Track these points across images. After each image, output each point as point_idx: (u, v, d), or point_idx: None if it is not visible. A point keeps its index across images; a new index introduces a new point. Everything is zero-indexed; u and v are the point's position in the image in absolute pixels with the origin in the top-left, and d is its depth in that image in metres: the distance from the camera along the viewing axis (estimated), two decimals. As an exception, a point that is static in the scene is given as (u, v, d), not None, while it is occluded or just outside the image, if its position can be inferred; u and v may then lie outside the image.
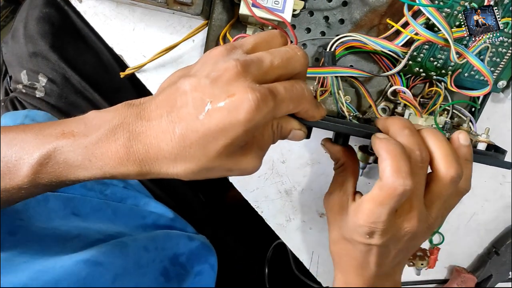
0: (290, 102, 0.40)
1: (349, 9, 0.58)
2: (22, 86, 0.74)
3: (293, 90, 0.41)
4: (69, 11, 0.70)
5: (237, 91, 0.37)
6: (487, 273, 0.76)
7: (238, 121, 0.37)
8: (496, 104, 0.68)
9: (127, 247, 0.60)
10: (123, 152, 0.39)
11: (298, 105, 0.42)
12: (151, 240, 0.64)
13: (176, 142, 0.38)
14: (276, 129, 0.44)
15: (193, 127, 0.37)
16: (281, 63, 0.41)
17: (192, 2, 0.55)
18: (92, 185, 0.70)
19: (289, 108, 0.41)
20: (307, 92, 0.42)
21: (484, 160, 0.56)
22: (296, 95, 0.41)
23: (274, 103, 0.38)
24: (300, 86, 0.41)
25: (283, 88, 0.40)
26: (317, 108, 0.45)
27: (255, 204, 0.72)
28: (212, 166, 0.40)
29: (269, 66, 0.40)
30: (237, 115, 0.37)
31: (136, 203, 0.73)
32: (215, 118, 0.37)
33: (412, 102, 0.59)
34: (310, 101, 0.43)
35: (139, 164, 0.39)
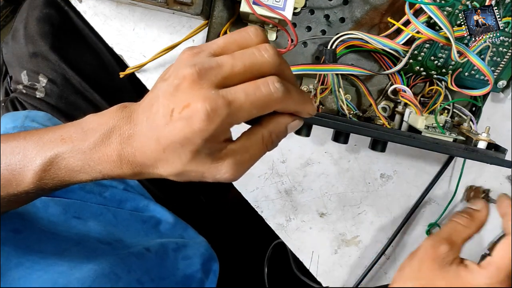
0: (252, 107, 0.38)
1: (350, 7, 0.58)
2: (23, 87, 0.74)
3: (256, 94, 0.38)
4: (69, 11, 0.70)
5: (191, 100, 0.37)
6: (488, 273, 0.75)
7: (194, 131, 0.37)
8: (496, 104, 0.68)
9: (119, 280, 0.59)
10: (116, 155, 0.41)
11: (265, 108, 0.39)
12: (146, 271, 0.63)
13: (154, 147, 0.39)
14: (267, 138, 0.42)
15: (163, 134, 0.38)
16: (244, 67, 0.39)
17: (192, 2, 0.55)
18: (91, 188, 0.70)
19: (251, 113, 0.39)
20: (280, 93, 0.39)
21: (485, 159, 0.56)
22: (260, 99, 0.38)
23: (229, 110, 0.37)
24: (267, 88, 0.38)
25: (243, 93, 0.38)
26: (303, 104, 0.42)
27: (255, 204, 0.72)
28: (189, 170, 0.40)
29: (229, 71, 0.38)
30: (192, 126, 0.37)
31: (136, 205, 0.73)
32: (176, 128, 0.38)
33: (412, 101, 0.59)
34: (286, 100, 0.40)
35: (131, 166, 0.41)
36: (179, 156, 0.39)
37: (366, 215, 0.73)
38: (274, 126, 0.42)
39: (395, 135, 0.55)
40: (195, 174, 0.41)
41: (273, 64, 0.39)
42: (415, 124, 0.59)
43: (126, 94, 0.75)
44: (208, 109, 0.36)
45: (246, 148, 0.41)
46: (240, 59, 0.39)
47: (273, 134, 0.42)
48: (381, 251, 0.74)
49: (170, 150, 0.39)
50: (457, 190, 0.71)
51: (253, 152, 0.42)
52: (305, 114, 0.43)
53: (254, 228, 0.78)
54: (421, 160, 0.71)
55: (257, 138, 0.42)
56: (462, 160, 0.70)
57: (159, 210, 0.73)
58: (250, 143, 0.42)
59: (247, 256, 0.88)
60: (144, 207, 0.73)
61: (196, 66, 0.38)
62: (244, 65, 0.39)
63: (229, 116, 0.37)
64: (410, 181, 0.72)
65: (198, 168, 0.40)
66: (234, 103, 0.37)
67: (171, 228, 0.73)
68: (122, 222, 0.69)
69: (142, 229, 0.70)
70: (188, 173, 0.40)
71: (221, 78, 0.38)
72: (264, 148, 0.42)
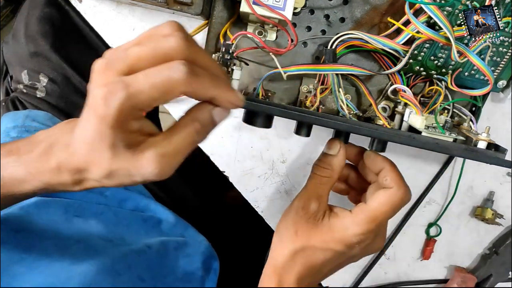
0: (152, 89, 0.37)
1: (350, 7, 0.58)
2: (23, 86, 0.74)
3: (156, 76, 0.38)
4: (69, 11, 0.70)
5: (94, 88, 0.38)
6: (487, 273, 0.75)
7: (98, 119, 0.37)
8: (496, 104, 0.68)
9: (120, 277, 0.59)
10: (55, 163, 0.41)
11: (169, 91, 0.38)
12: (147, 268, 0.63)
13: (83, 149, 0.40)
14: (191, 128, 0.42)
15: (86, 132, 0.39)
16: (149, 54, 0.38)
17: (192, 2, 0.55)
18: None
19: (152, 96, 0.38)
20: (183, 74, 0.38)
21: (484, 159, 0.56)
22: (161, 81, 0.37)
23: (126, 92, 0.37)
24: (168, 70, 0.38)
25: (143, 75, 0.38)
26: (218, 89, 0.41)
27: (255, 204, 0.72)
28: (115, 168, 0.40)
29: (135, 59, 0.38)
30: (96, 113, 0.37)
31: (137, 205, 0.73)
32: (88, 121, 0.38)
33: (412, 101, 0.59)
34: (193, 82, 0.39)
35: (69, 173, 0.41)
36: (101, 153, 0.39)
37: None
38: (197, 114, 0.42)
39: (395, 135, 0.55)
40: (123, 173, 0.40)
41: (180, 49, 0.39)
42: (415, 124, 0.59)
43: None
44: (105, 92, 0.37)
45: (168, 139, 0.41)
46: (146, 46, 0.39)
47: (196, 123, 0.42)
48: (381, 251, 0.74)
49: (93, 149, 0.39)
50: (457, 190, 0.71)
51: (177, 143, 0.41)
52: (225, 102, 0.42)
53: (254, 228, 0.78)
54: (421, 160, 0.71)
55: (180, 128, 0.41)
56: (462, 160, 0.70)
57: (159, 209, 0.74)
58: (173, 133, 0.41)
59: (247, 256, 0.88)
60: (145, 206, 0.73)
61: (105, 59, 0.39)
62: (150, 51, 0.38)
63: (128, 98, 0.37)
64: (410, 181, 0.72)
65: (123, 165, 0.39)
66: (132, 85, 0.37)
67: (171, 227, 0.73)
68: (123, 221, 0.69)
69: (143, 228, 0.70)
70: (116, 172, 0.40)
71: (126, 66, 0.38)
72: (189, 138, 0.41)
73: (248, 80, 0.62)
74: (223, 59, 0.56)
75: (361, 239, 0.51)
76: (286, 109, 0.54)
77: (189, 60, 0.39)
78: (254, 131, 0.68)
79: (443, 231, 0.74)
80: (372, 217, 0.51)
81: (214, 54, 0.58)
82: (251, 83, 0.62)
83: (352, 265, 0.75)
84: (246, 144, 0.69)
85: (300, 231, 0.52)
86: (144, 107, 0.39)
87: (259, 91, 0.57)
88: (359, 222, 0.51)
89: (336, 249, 0.52)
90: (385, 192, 0.52)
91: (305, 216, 0.53)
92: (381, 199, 0.51)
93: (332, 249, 0.52)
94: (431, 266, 0.77)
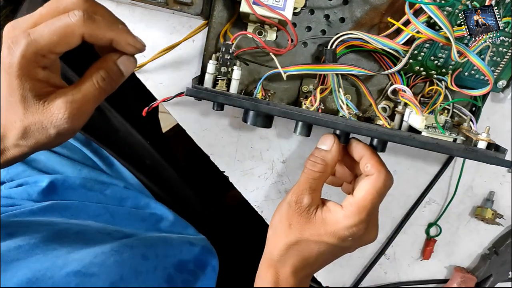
0: (51, 34, 0.41)
1: (350, 7, 0.58)
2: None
3: (55, 22, 0.41)
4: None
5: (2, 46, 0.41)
6: (487, 273, 0.75)
7: (5, 70, 0.41)
8: (496, 104, 0.68)
9: (122, 254, 0.59)
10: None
11: (67, 34, 0.42)
12: (149, 247, 0.64)
13: None
14: (97, 76, 0.45)
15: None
16: (50, 10, 0.42)
17: (192, 2, 0.55)
18: (92, 185, 0.70)
19: (52, 40, 0.41)
20: (79, 17, 0.42)
21: (484, 159, 0.56)
22: (59, 25, 0.41)
23: (28, 39, 0.40)
24: (66, 16, 0.42)
25: (44, 24, 0.41)
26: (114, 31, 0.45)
27: (255, 204, 0.72)
28: (28, 124, 0.43)
29: (37, 16, 0.42)
30: (3, 66, 0.41)
31: (136, 203, 0.73)
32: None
33: (412, 101, 0.58)
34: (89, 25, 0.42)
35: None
36: (13, 110, 0.42)
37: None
38: (101, 62, 0.46)
39: (395, 135, 0.55)
40: (37, 127, 0.43)
41: (78, 2, 0.42)
42: (415, 124, 0.59)
43: (125, 94, 0.75)
44: (9, 43, 0.41)
45: (77, 88, 0.44)
46: (48, 5, 0.43)
47: (102, 71, 0.45)
48: (381, 251, 0.74)
49: (6, 107, 0.43)
50: (456, 190, 0.71)
51: (85, 91, 0.44)
52: (126, 45, 0.46)
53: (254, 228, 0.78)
54: (421, 160, 0.71)
55: (87, 77, 0.45)
56: (462, 160, 0.70)
57: (159, 208, 0.74)
58: (81, 83, 0.45)
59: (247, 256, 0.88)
60: (145, 205, 0.73)
61: (13, 21, 0.42)
62: (51, 8, 0.42)
63: (30, 44, 0.40)
64: (410, 181, 0.72)
65: (35, 118, 0.42)
66: (33, 33, 0.41)
67: (171, 226, 0.73)
68: (121, 222, 0.69)
69: (142, 226, 0.71)
70: (30, 128, 0.43)
71: (30, 23, 0.42)
72: (95, 85, 0.45)
73: (248, 80, 0.62)
74: (223, 59, 0.56)
75: (353, 231, 0.52)
76: (286, 109, 0.54)
77: (88, 11, 0.43)
78: (254, 131, 0.68)
79: (443, 231, 0.74)
80: (360, 207, 0.52)
81: (214, 54, 0.58)
82: (251, 83, 0.62)
83: (352, 265, 0.75)
84: (246, 144, 0.69)
85: (294, 224, 0.54)
86: (46, 52, 0.42)
87: (259, 91, 0.57)
88: (349, 215, 0.52)
89: (329, 242, 0.53)
90: (368, 180, 0.53)
91: (298, 210, 0.54)
92: (365, 188, 0.53)
93: (326, 242, 0.53)
94: (431, 266, 0.77)
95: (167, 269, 0.64)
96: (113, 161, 0.75)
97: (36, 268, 0.53)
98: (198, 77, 0.61)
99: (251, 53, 0.60)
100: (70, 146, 0.74)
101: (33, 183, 0.69)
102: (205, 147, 0.69)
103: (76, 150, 0.74)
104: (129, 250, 0.61)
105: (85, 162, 0.74)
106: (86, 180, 0.70)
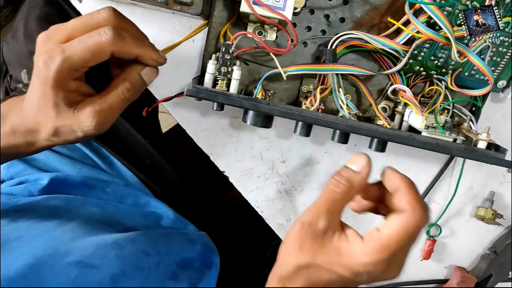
0: (84, 51, 0.45)
1: (350, 7, 0.58)
2: (22, 85, 0.74)
3: (88, 40, 0.45)
4: (69, 10, 0.70)
5: (37, 56, 0.46)
6: (487, 273, 0.75)
7: (41, 81, 0.45)
8: (496, 104, 0.68)
9: (123, 249, 0.59)
10: (9, 128, 0.49)
11: (99, 51, 0.45)
12: (152, 244, 0.63)
13: (32, 111, 0.48)
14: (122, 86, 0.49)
15: (32, 97, 0.47)
16: (83, 25, 0.46)
17: (192, 2, 0.55)
18: (93, 183, 0.70)
19: (85, 57, 0.45)
20: (109, 36, 0.45)
21: (484, 159, 0.56)
22: (91, 43, 0.45)
23: (63, 55, 0.44)
24: (97, 34, 0.45)
25: (77, 41, 0.45)
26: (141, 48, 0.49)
27: (255, 204, 0.72)
28: (59, 125, 0.47)
29: (70, 29, 0.46)
30: (39, 77, 0.45)
31: (137, 202, 0.73)
32: (33, 85, 0.47)
33: (412, 101, 0.59)
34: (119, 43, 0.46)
35: (22, 134, 0.49)
36: (47, 113, 0.47)
37: (366, 215, 0.73)
38: (126, 73, 0.50)
39: (395, 135, 0.55)
40: (67, 129, 0.48)
41: (108, 19, 0.46)
42: (415, 124, 0.59)
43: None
44: (45, 58, 0.45)
45: (103, 98, 0.48)
46: (81, 19, 0.47)
47: (127, 82, 0.49)
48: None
49: (39, 109, 0.47)
50: (457, 190, 0.71)
51: (111, 101, 0.49)
52: (150, 60, 0.50)
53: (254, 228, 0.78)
54: (421, 160, 0.71)
55: (113, 88, 0.49)
56: (462, 160, 0.70)
57: (160, 206, 0.74)
58: (107, 92, 0.49)
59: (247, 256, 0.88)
60: (145, 203, 0.73)
61: (47, 31, 0.46)
62: (83, 22, 0.46)
63: (65, 60, 0.44)
64: (410, 181, 0.72)
65: (65, 121, 0.47)
66: (67, 50, 0.44)
67: (172, 223, 0.73)
68: (124, 214, 0.69)
69: (143, 223, 0.70)
70: (61, 129, 0.48)
71: (64, 36, 0.46)
72: (120, 95, 0.49)
73: (248, 80, 0.62)
74: (223, 59, 0.56)
75: (369, 269, 0.46)
76: (286, 109, 0.54)
77: (117, 27, 0.46)
78: (254, 131, 0.68)
79: (443, 231, 0.74)
80: (383, 246, 0.46)
81: (214, 54, 0.58)
82: (251, 83, 0.62)
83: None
84: (246, 144, 0.69)
85: (306, 247, 0.49)
86: (79, 67, 0.46)
87: (259, 91, 0.57)
88: (369, 252, 0.46)
89: (342, 273, 0.47)
90: (398, 217, 0.46)
91: (311, 233, 0.48)
92: (394, 226, 0.46)
93: (338, 273, 0.48)
94: (431, 266, 0.77)
95: (170, 267, 0.64)
96: (113, 160, 0.75)
97: (38, 253, 0.52)
98: (198, 77, 0.61)
99: (251, 53, 0.60)
100: (70, 146, 0.74)
101: (33, 181, 0.69)
102: (205, 147, 0.68)
103: (76, 149, 0.74)
104: (131, 245, 0.60)
105: (85, 161, 0.74)
106: (87, 179, 0.70)
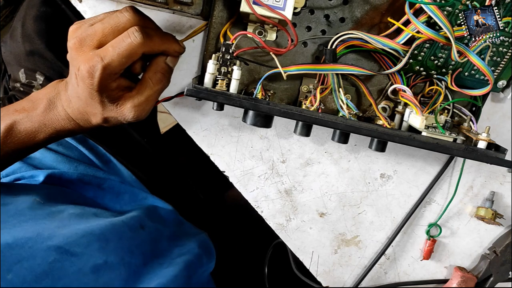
0: (120, 56, 0.50)
1: (350, 7, 0.58)
2: (20, 85, 0.74)
3: (121, 45, 0.49)
4: (66, 10, 0.70)
5: (80, 64, 0.50)
6: (487, 273, 0.75)
7: (88, 87, 0.51)
8: (496, 104, 0.68)
9: (108, 243, 0.58)
10: (64, 114, 0.55)
11: (132, 54, 0.50)
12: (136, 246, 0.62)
13: (81, 104, 0.54)
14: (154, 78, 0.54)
15: (79, 93, 0.52)
16: (111, 28, 0.50)
17: (192, 2, 0.55)
18: (90, 179, 0.70)
19: (122, 62, 0.50)
20: (139, 39, 0.50)
21: (485, 159, 0.56)
22: (125, 48, 0.49)
23: (103, 64, 0.49)
24: (128, 38, 0.50)
25: (111, 47, 0.50)
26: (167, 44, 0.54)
27: (255, 204, 0.72)
28: (107, 116, 0.54)
29: (101, 34, 0.50)
30: (85, 83, 0.51)
31: (134, 198, 0.73)
32: (80, 88, 0.52)
33: (412, 101, 0.58)
34: (148, 43, 0.51)
35: (75, 121, 0.56)
36: (95, 107, 0.53)
37: (366, 215, 0.73)
38: (155, 66, 0.55)
39: (395, 135, 0.55)
40: (113, 119, 0.55)
41: (133, 19, 0.51)
42: (415, 124, 0.59)
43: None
44: (88, 67, 0.50)
45: (140, 92, 0.54)
46: (108, 22, 0.51)
47: (157, 73, 0.55)
48: (381, 251, 0.74)
49: (88, 104, 0.53)
50: (457, 190, 0.71)
51: (147, 94, 0.54)
52: (173, 52, 0.55)
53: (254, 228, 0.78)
54: (421, 160, 0.71)
55: (146, 81, 0.54)
56: (462, 160, 0.70)
57: (157, 201, 0.74)
58: (142, 87, 0.54)
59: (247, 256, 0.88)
60: (143, 199, 0.73)
61: (77, 38, 0.51)
62: (111, 26, 0.50)
63: (105, 68, 0.50)
64: (410, 181, 0.72)
65: (111, 114, 0.54)
66: (106, 58, 0.49)
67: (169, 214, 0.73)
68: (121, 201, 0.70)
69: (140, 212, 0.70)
70: (109, 119, 0.55)
71: (96, 41, 0.50)
72: (154, 86, 0.55)
73: (248, 80, 0.61)
74: (223, 59, 0.56)
75: None
76: (286, 109, 0.54)
77: (142, 27, 0.51)
78: (254, 131, 0.68)
79: (443, 231, 0.74)
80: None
81: (214, 54, 0.58)
82: (251, 83, 0.62)
83: (352, 264, 0.75)
84: (246, 144, 0.69)
85: None
86: (117, 71, 0.51)
87: (259, 91, 0.57)
88: None
89: None
90: None
91: None
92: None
93: None
94: (431, 266, 0.77)
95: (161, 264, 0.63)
96: (109, 158, 0.75)
97: (19, 235, 0.51)
98: (198, 77, 0.61)
99: (251, 53, 0.60)
100: (66, 144, 0.74)
101: (29, 177, 0.69)
102: (205, 147, 0.68)
103: (72, 147, 0.74)
104: (117, 241, 0.59)
105: (81, 159, 0.74)
106: (83, 175, 0.70)
